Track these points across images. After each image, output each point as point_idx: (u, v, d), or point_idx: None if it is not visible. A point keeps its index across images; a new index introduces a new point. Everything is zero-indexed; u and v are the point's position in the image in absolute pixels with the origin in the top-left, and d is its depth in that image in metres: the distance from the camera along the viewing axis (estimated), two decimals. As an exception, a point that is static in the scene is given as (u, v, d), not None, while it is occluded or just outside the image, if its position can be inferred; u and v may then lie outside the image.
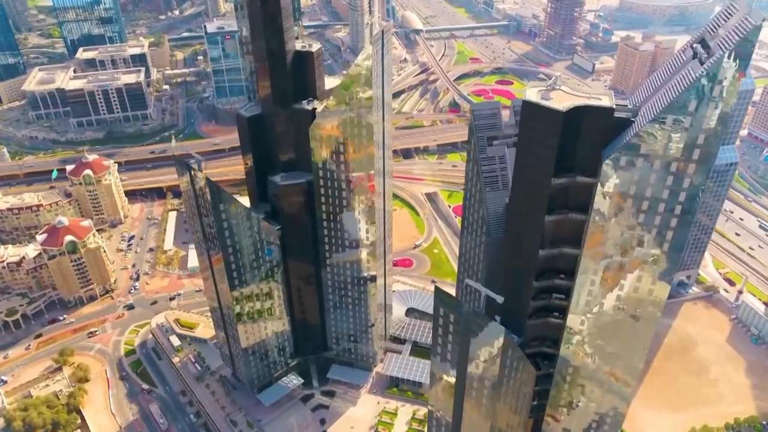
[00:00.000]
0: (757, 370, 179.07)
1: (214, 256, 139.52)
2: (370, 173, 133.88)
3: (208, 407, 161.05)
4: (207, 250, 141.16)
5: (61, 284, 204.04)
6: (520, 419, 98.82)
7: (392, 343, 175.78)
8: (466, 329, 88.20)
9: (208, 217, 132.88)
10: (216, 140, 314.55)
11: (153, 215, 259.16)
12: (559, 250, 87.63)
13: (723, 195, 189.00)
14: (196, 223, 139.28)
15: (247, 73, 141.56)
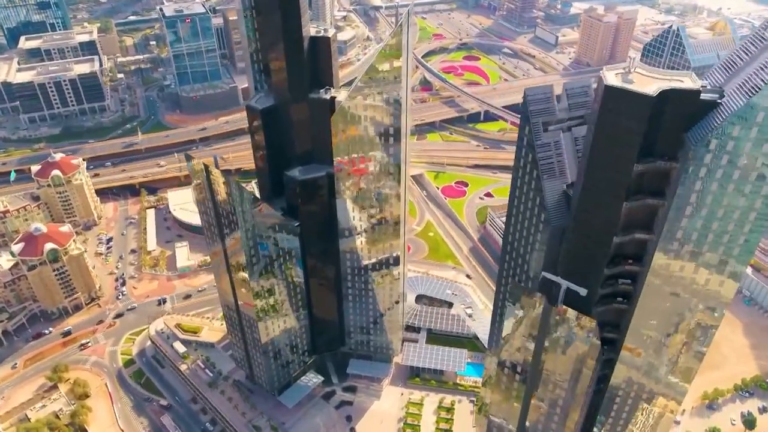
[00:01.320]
0: (754, 330, 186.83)
1: (233, 257, 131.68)
2: (398, 156, 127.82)
3: (226, 414, 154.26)
4: (225, 252, 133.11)
5: (43, 295, 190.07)
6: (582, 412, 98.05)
7: (407, 332, 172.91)
8: (545, 325, 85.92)
9: (228, 218, 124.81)
10: (185, 130, 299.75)
11: (129, 214, 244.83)
12: (632, 236, 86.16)
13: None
14: (212, 225, 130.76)
15: (252, 61, 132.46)
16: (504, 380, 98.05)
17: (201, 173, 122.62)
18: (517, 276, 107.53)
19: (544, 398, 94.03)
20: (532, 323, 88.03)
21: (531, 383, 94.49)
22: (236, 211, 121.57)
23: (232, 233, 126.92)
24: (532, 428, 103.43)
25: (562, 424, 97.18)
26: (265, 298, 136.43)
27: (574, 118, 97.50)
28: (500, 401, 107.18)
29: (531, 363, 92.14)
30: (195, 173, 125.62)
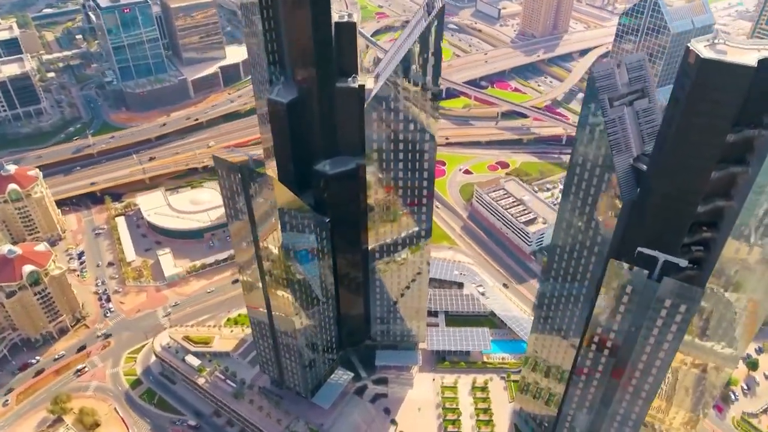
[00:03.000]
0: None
1: (268, 260, 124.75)
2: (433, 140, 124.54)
3: (258, 423, 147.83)
4: (257, 255, 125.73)
5: (24, 322, 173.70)
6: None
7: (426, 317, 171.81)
8: (645, 300, 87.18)
9: (264, 219, 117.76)
10: (138, 129, 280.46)
11: (96, 225, 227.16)
12: (714, 204, 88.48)
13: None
14: (244, 228, 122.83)
15: (266, 53, 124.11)
16: (590, 360, 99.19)
17: (235, 174, 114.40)
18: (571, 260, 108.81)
19: (634, 377, 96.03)
20: (630, 299, 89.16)
21: (620, 362, 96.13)
22: (274, 212, 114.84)
23: (268, 235, 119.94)
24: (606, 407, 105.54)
25: (648, 401, 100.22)
26: (301, 299, 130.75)
27: (634, 92, 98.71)
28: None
29: (624, 341, 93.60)
30: (227, 174, 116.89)
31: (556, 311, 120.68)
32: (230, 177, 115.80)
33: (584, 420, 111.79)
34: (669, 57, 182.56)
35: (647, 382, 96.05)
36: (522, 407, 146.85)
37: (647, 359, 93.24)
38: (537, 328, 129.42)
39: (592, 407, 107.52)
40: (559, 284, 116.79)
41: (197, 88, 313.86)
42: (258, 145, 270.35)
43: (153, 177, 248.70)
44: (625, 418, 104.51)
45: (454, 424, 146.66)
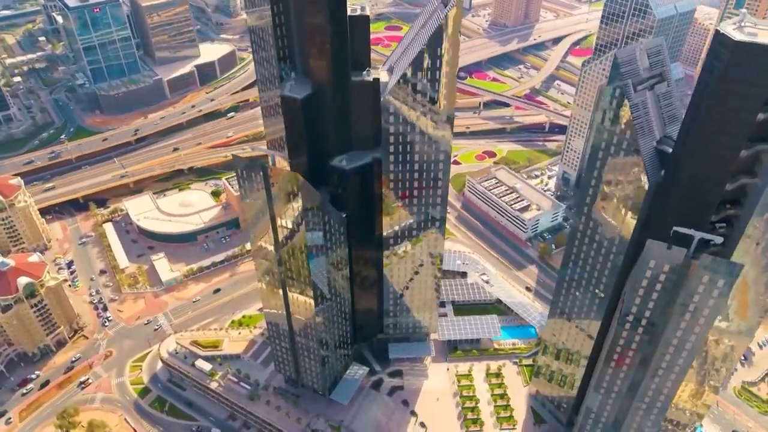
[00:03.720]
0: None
1: (289, 259, 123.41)
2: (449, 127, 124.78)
3: (277, 424, 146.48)
4: (277, 253, 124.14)
5: (21, 337, 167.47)
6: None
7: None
8: (682, 278, 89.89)
9: (287, 217, 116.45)
10: (116, 132, 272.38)
11: (82, 232, 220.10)
12: (739, 182, 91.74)
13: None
14: (265, 227, 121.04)
15: (277, 48, 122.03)
16: (623, 339, 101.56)
17: (257, 172, 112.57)
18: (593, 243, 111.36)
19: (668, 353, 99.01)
20: (667, 277, 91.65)
21: (654, 339, 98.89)
22: (298, 209, 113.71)
23: (290, 233, 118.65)
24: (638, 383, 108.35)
25: (679, 378, 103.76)
26: (320, 295, 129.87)
27: (654, 76, 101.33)
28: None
29: (659, 319, 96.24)
30: (248, 172, 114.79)
31: (575, 296, 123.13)
32: (251, 175, 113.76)
33: (611, 399, 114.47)
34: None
35: (681, 357, 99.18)
36: (538, 390, 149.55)
37: (682, 335, 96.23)
38: (555, 313, 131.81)
39: (621, 386, 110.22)
40: (579, 268, 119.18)
41: (173, 88, 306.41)
42: (243, 143, 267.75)
43: (137, 181, 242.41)
44: (656, 395, 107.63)
45: (473, 411, 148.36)
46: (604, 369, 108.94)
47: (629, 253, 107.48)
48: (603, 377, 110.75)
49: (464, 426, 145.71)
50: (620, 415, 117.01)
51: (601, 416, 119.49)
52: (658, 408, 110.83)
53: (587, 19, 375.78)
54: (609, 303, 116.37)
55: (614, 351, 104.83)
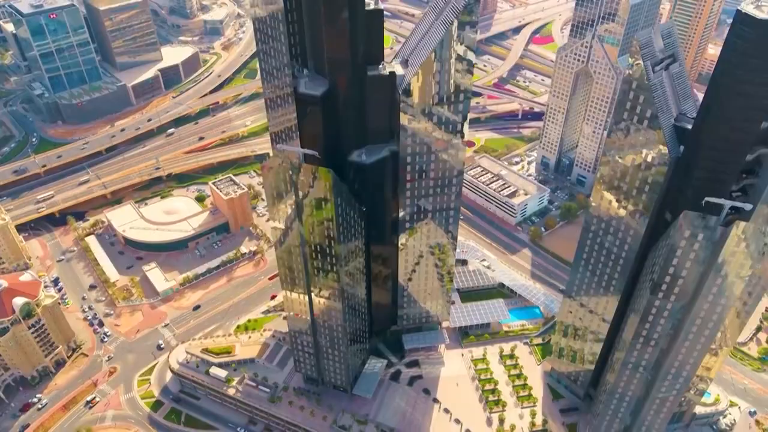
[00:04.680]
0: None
1: (315, 253, 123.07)
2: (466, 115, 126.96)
3: (303, 423, 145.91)
4: (303, 250, 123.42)
5: (19, 360, 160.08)
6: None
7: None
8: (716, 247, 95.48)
9: (315, 214, 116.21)
10: (85, 142, 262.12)
11: (63, 248, 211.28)
12: (758, 153, 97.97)
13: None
14: (291, 223, 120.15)
15: (289, 46, 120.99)
16: (655, 308, 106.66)
17: (287, 169, 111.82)
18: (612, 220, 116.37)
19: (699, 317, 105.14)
20: (701, 245, 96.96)
21: (687, 309, 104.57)
22: (328, 205, 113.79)
23: (319, 229, 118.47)
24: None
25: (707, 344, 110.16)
26: (343, 290, 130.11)
27: (668, 57, 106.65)
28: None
29: (693, 288, 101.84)
30: (278, 172, 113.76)
31: (594, 273, 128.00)
32: (280, 172, 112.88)
33: (638, 372, 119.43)
34: (628, 27, 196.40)
35: (711, 320, 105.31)
36: (553, 368, 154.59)
37: (713, 300, 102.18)
38: (571, 292, 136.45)
39: (650, 358, 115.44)
40: (598, 245, 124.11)
41: (138, 93, 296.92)
42: (219, 147, 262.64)
43: (115, 191, 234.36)
44: (683, 363, 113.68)
45: (493, 393, 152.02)
46: (633, 342, 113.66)
47: (649, 227, 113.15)
48: (632, 351, 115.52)
49: (487, 408, 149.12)
50: (644, 386, 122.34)
51: (628, 390, 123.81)
52: (684, 377, 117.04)
53: (543, 8, 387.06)
54: (628, 278, 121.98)
55: (645, 321, 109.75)
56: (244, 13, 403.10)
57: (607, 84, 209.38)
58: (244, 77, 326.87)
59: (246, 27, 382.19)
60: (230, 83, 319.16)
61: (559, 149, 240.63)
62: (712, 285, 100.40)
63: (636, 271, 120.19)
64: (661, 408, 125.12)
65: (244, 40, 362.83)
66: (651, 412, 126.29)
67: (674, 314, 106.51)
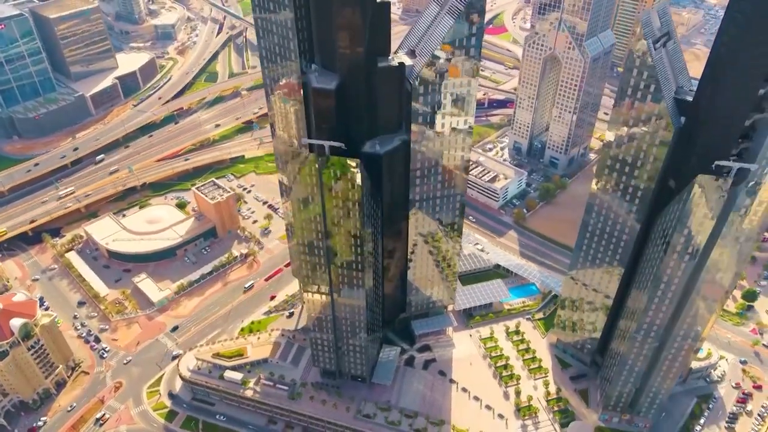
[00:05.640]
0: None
1: (338, 245, 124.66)
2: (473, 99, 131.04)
3: (326, 416, 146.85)
4: (325, 242, 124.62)
5: (19, 383, 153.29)
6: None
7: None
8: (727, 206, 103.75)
9: (341, 208, 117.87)
10: (47, 157, 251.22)
11: (42, 266, 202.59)
12: (753, 119, 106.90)
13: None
14: (313, 216, 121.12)
15: (298, 41, 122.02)
16: (670, 269, 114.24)
17: (313, 164, 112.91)
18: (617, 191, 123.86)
19: (712, 272, 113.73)
20: (713, 206, 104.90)
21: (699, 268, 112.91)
22: (355, 197, 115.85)
23: (342, 219, 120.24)
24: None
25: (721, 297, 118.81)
26: (364, 280, 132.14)
27: (664, 35, 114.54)
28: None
29: (705, 245, 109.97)
30: (304, 165, 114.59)
31: (599, 244, 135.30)
32: (306, 165, 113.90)
33: (652, 332, 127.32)
34: (595, 11, 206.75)
35: (720, 277, 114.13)
36: (559, 339, 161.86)
37: (723, 255, 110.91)
38: (577, 264, 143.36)
39: (663, 319, 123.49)
40: (603, 219, 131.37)
41: (97, 103, 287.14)
42: (192, 152, 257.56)
43: (89, 204, 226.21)
44: (692, 323, 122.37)
45: (506, 369, 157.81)
46: (648, 304, 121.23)
47: (654, 196, 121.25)
48: (644, 316, 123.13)
49: (502, 383, 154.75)
50: (654, 350, 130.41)
51: (640, 355, 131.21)
52: (692, 337, 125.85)
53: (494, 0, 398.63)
54: (634, 246, 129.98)
55: (659, 283, 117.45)
56: (194, 16, 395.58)
57: (576, 68, 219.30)
58: (204, 81, 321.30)
59: (199, 30, 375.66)
60: (191, 88, 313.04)
61: (530, 134, 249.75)
62: (723, 241, 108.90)
63: (641, 240, 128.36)
64: (671, 368, 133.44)
65: (199, 44, 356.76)
66: (661, 373, 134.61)
67: (687, 274, 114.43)
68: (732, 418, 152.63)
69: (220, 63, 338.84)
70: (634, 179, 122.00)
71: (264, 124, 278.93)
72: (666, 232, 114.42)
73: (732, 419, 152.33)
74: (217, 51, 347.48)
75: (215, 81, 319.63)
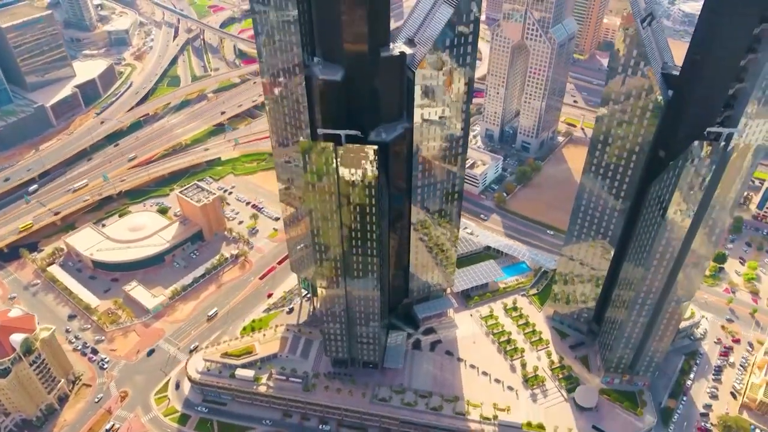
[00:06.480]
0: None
1: (352, 232, 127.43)
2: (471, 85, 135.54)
3: (343, 404, 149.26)
4: (340, 228, 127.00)
5: (21, 401, 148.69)
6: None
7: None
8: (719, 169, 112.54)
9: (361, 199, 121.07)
10: (11, 171, 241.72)
11: (24, 283, 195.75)
12: (735, 88, 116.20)
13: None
14: (328, 206, 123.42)
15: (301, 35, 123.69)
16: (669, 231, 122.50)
17: (330, 154, 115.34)
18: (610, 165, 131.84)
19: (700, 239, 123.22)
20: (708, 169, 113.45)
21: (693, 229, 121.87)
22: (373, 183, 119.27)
23: (356, 207, 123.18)
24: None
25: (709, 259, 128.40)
26: (376, 266, 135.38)
27: (649, 14, 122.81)
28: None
29: (698, 206, 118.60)
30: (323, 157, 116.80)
31: (594, 215, 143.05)
32: (324, 155, 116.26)
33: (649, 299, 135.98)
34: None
35: (712, 236, 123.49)
36: (555, 311, 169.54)
37: (715, 215, 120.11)
38: (572, 240, 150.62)
39: (660, 283, 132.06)
40: (597, 191, 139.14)
41: (58, 113, 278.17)
42: (165, 158, 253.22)
43: (65, 216, 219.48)
44: (685, 284, 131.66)
45: (509, 343, 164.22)
46: (646, 271, 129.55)
47: (646, 164, 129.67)
48: (644, 280, 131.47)
49: (507, 357, 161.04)
50: (651, 314, 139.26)
51: (638, 320, 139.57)
52: (685, 297, 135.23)
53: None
54: (626, 218, 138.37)
55: (657, 248, 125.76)
56: (147, 21, 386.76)
57: (544, 54, 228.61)
58: (167, 86, 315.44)
59: (154, 35, 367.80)
60: (154, 93, 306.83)
61: (501, 120, 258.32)
62: (714, 201, 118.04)
63: (631, 213, 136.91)
64: (666, 330, 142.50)
65: (156, 49, 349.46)
66: (657, 335, 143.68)
67: (682, 236, 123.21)
68: (717, 370, 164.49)
69: (181, 67, 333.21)
70: (626, 151, 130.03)
71: (236, 125, 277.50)
72: (662, 198, 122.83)
73: (718, 371, 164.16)
74: (176, 55, 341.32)
75: (178, 85, 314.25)
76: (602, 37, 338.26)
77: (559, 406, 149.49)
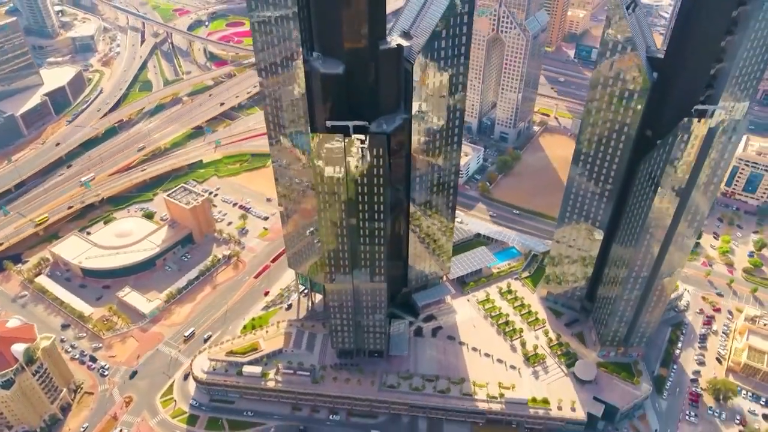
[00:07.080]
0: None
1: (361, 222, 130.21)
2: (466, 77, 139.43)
3: (353, 393, 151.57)
4: (347, 219, 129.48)
5: (25, 412, 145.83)
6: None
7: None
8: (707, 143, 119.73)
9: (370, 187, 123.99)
10: None
11: (11, 295, 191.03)
12: (716, 68, 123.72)
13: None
14: (338, 197, 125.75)
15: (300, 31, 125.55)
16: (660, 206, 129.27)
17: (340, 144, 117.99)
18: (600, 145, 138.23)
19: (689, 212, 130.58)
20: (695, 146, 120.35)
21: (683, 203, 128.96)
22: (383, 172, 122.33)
23: (366, 195, 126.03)
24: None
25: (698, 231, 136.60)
26: (383, 254, 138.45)
27: (631, 2, 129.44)
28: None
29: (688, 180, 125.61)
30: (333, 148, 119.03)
31: (585, 197, 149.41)
32: (333, 146, 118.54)
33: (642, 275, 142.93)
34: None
35: (700, 210, 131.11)
36: (549, 292, 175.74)
37: (703, 188, 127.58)
38: (564, 221, 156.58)
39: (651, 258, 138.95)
40: (588, 171, 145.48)
41: (28, 122, 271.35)
42: (145, 162, 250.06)
43: (47, 226, 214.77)
44: (675, 258, 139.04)
45: (507, 325, 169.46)
46: (638, 247, 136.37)
47: (634, 144, 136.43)
48: (636, 256, 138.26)
49: (507, 338, 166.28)
50: (643, 289, 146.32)
51: (632, 295, 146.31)
52: (675, 271, 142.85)
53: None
54: (617, 196, 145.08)
55: (650, 223, 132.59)
56: (111, 26, 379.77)
57: (519, 45, 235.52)
58: (139, 90, 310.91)
59: (120, 40, 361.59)
60: (126, 99, 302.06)
61: (479, 113, 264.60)
62: (702, 176, 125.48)
63: (619, 195, 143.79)
64: (658, 303, 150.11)
65: (124, 54, 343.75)
66: (650, 308, 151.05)
67: (672, 211, 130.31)
68: (702, 338, 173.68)
69: (152, 71, 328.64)
70: (615, 132, 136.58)
71: (215, 127, 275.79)
72: (653, 174, 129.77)
73: (703, 339, 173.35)
74: (146, 60, 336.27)
75: (150, 90, 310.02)
76: (567, 30, 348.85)
77: (560, 381, 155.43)
